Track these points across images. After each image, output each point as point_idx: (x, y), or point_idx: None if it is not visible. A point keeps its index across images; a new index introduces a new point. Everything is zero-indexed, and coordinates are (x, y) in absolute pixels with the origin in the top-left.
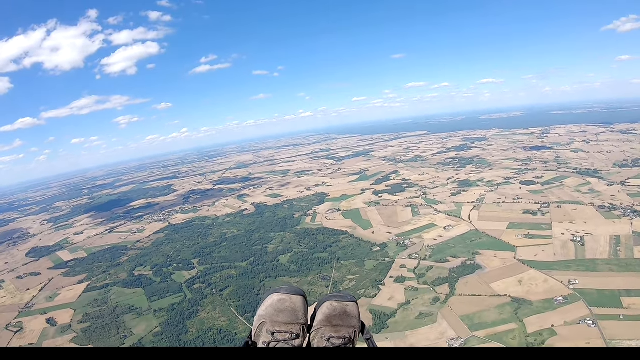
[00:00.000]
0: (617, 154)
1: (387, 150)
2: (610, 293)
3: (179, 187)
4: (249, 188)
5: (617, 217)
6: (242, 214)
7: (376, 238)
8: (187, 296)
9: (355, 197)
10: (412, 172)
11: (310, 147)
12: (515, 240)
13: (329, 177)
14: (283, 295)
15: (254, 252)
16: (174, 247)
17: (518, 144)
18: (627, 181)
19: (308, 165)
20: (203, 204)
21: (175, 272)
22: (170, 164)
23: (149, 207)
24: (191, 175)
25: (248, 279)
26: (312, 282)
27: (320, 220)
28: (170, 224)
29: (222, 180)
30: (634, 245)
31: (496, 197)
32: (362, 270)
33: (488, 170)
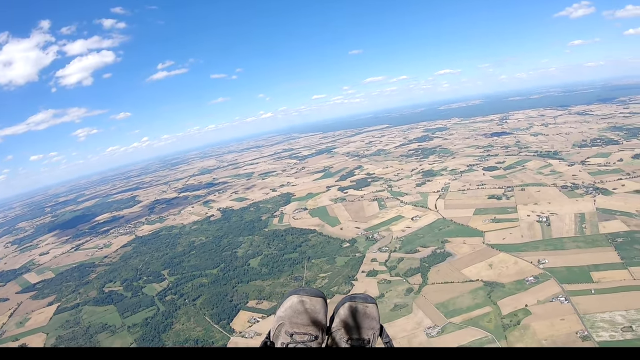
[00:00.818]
0: (575, 135)
1: (349, 146)
2: (579, 269)
3: (144, 198)
4: (214, 193)
5: (580, 195)
6: (209, 221)
7: (345, 234)
8: (160, 309)
9: (321, 195)
10: (376, 166)
11: (273, 148)
12: (482, 226)
13: (293, 176)
14: (302, 297)
15: (223, 258)
16: (143, 260)
17: (478, 132)
18: (587, 160)
19: (272, 166)
20: (169, 213)
21: (146, 285)
22: (133, 174)
23: (114, 220)
24: (155, 185)
25: (220, 285)
26: (285, 283)
27: (287, 221)
28: (137, 236)
29: (186, 187)
30: (599, 221)
31: (461, 185)
32: (333, 267)
33: (451, 159)
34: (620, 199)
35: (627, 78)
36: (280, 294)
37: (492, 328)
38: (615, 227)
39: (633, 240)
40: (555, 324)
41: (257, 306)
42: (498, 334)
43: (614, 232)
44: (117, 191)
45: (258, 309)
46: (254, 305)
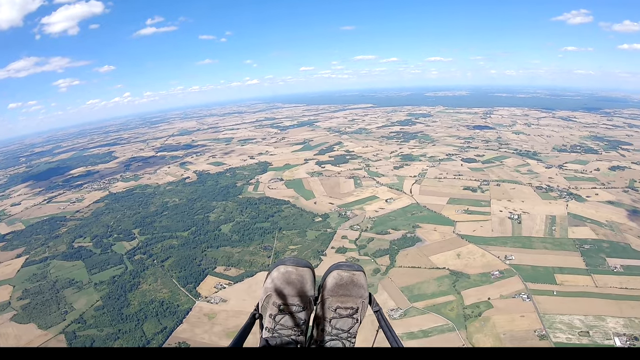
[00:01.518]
0: (556, 138)
1: (332, 121)
2: (544, 269)
3: (120, 154)
4: (191, 156)
5: (553, 198)
6: (184, 182)
7: (318, 208)
8: (128, 268)
9: (299, 167)
10: (356, 144)
11: (255, 115)
12: (454, 215)
13: (272, 146)
14: (289, 268)
15: (195, 222)
16: (115, 217)
17: (462, 122)
18: (565, 165)
19: (252, 134)
20: (144, 171)
21: (116, 243)
22: (112, 130)
23: (88, 175)
24: (133, 142)
25: (189, 249)
26: (254, 252)
27: (262, 190)
28: (111, 192)
29: (164, 147)
30: (569, 225)
31: (438, 173)
32: (304, 240)
33: (431, 146)
34: (592, 207)
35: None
36: (249, 262)
37: (453, 317)
38: (584, 233)
39: (599, 248)
40: (515, 319)
41: (225, 272)
42: (459, 323)
43: (582, 239)
44: (94, 145)
45: (225, 275)
46: (221, 271)
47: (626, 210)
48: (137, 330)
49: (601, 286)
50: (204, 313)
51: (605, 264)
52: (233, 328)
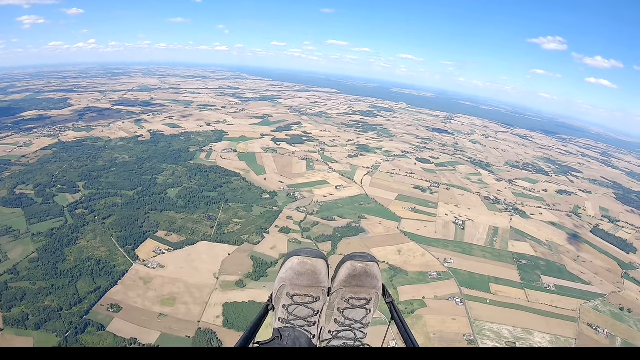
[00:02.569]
0: (511, 154)
1: (294, 100)
2: (480, 277)
3: (76, 102)
4: (148, 114)
5: (499, 210)
6: (136, 140)
7: (268, 185)
8: (68, 221)
9: (254, 141)
10: (315, 127)
11: (218, 83)
12: (401, 212)
13: (231, 115)
14: (303, 258)
15: (142, 182)
16: (61, 167)
17: (422, 123)
18: (515, 181)
19: (213, 100)
20: (98, 123)
21: (59, 194)
22: (71, 75)
23: (40, 119)
24: (90, 91)
25: (133, 209)
26: (198, 220)
27: (214, 158)
28: (61, 140)
29: (122, 101)
30: (510, 239)
31: (391, 167)
32: (249, 215)
33: (388, 140)
34: (535, 225)
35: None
36: (191, 230)
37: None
38: (524, 249)
39: (536, 265)
40: (446, 321)
41: (166, 237)
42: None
43: (521, 253)
44: (51, 89)
45: (166, 241)
46: (162, 235)
47: (567, 233)
48: (71, 287)
49: (533, 301)
50: (140, 277)
51: (540, 280)
52: (167, 295)
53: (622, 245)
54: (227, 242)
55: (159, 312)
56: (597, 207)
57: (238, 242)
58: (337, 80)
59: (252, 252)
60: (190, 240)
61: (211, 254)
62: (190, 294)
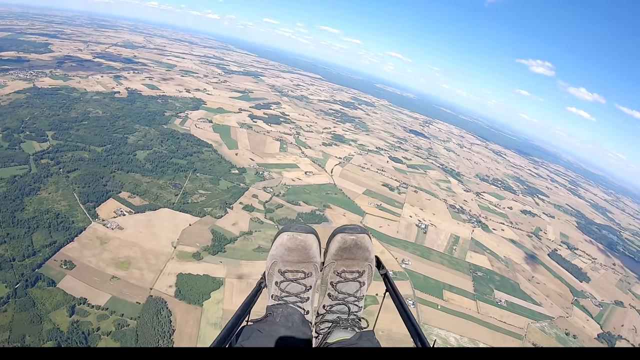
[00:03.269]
0: (482, 167)
1: (277, 79)
2: (435, 283)
3: (57, 49)
4: (128, 71)
5: (462, 220)
6: (112, 96)
7: (238, 161)
8: (31, 170)
9: (231, 115)
10: (294, 110)
11: (204, 50)
12: (366, 207)
13: (212, 85)
14: (293, 234)
15: (112, 140)
16: (32, 113)
17: (400, 122)
18: (482, 194)
19: (196, 67)
20: (76, 74)
21: (26, 141)
22: (56, 20)
23: (18, 61)
24: (73, 40)
25: (99, 166)
26: (163, 186)
27: (189, 126)
28: (36, 86)
29: (104, 54)
30: (469, 249)
31: (363, 161)
32: (215, 188)
33: (364, 134)
34: (495, 240)
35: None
36: (155, 195)
37: None
38: (481, 261)
39: (491, 279)
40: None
41: (129, 199)
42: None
43: (478, 265)
44: (33, 32)
45: (128, 202)
46: (125, 197)
47: (525, 252)
48: (26, 238)
49: (483, 313)
50: (97, 236)
51: (492, 294)
52: (122, 258)
53: (577, 272)
54: (190, 212)
55: (112, 274)
56: (558, 232)
57: (200, 214)
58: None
59: (213, 225)
60: (153, 206)
61: (172, 222)
62: (146, 259)
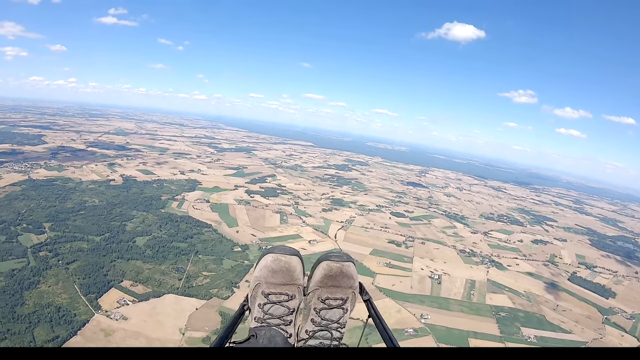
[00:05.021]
0: (485, 206)
1: (270, 152)
2: (458, 332)
3: (50, 140)
4: (122, 158)
5: (475, 263)
6: (108, 184)
7: (239, 238)
8: (30, 263)
9: (227, 192)
10: (289, 180)
11: (195, 131)
12: (375, 267)
13: (206, 165)
14: (277, 255)
15: (111, 228)
16: (28, 205)
17: (396, 177)
18: (490, 232)
19: (188, 149)
20: (71, 164)
21: (23, 234)
22: (49, 112)
23: (12, 154)
24: (67, 130)
25: (99, 256)
26: (166, 271)
27: (186, 208)
28: (31, 178)
29: (97, 143)
30: (487, 292)
31: (365, 222)
32: (219, 268)
33: (363, 194)
34: (512, 276)
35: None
36: (158, 281)
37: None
38: (502, 301)
39: (515, 317)
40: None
41: (131, 288)
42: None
43: (499, 306)
44: (27, 124)
45: (131, 291)
46: (128, 286)
47: (544, 282)
48: (28, 334)
49: None
50: (101, 328)
51: (520, 333)
52: None
53: (601, 290)
54: (195, 295)
55: None
56: (574, 254)
57: (206, 297)
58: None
59: (220, 307)
60: (157, 292)
61: (177, 307)
62: None
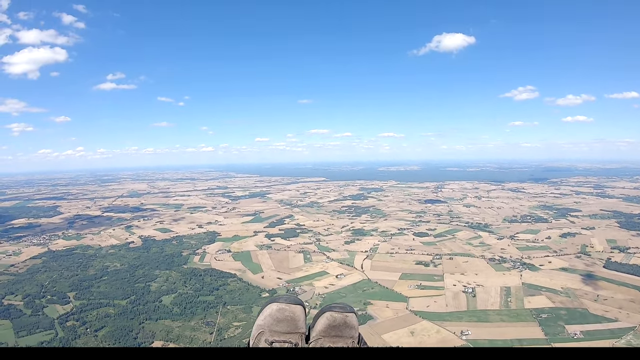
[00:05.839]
0: (506, 210)
1: (284, 193)
2: (503, 343)
3: (65, 210)
4: (138, 219)
5: (506, 269)
6: (127, 247)
7: (266, 283)
8: (58, 334)
9: (247, 239)
10: (307, 218)
11: (207, 183)
12: (407, 291)
13: (222, 215)
14: (282, 305)
15: (135, 290)
16: (50, 277)
17: (413, 197)
18: (516, 235)
19: (203, 202)
20: (89, 231)
21: (49, 305)
22: (61, 183)
23: (29, 227)
24: (80, 199)
25: (127, 319)
26: (196, 327)
27: (209, 260)
28: (50, 249)
29: (112, 207)
30: (524, 295)
31: (389, 247)
32: (249, 316)
33: (383, 220)
34: (546, 275)
35: (560, 161)
36: (189, 337)
37: None
38: (540, 302)
39: (557, 316)
40: None
41: None
42: None
43: (539, 308)
44: (40, 197)
45: None
46: (159, 346)
47: (580, 275)
48: None
49: None
50: None
51: (565, 331)
52: None
53: (639, 271)
54: None
55: None
56: (604, 240)
57: None
58: (324, 168)
59: None
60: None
61: None
62: None
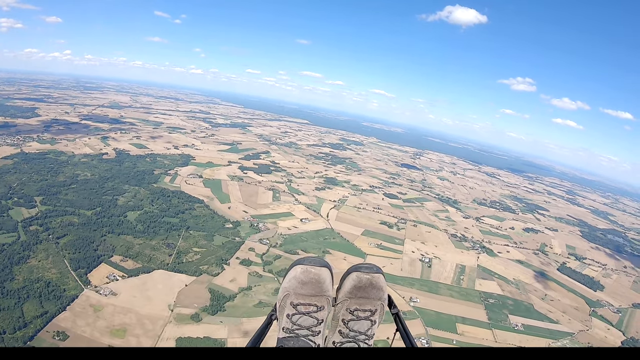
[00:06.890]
0: (478, 191)
1: (265, 128)
2: (447, 317)
3: (44, 113)
4: (116, 132)
5: (466, 248)
6: (100, 158)
7: (231, 214)
8: (20, 237)
9: (221, 168)
10: (283, 157)
11: (190, 105)
12: (367, 248)
13: (200, 140)
14: (307, 267)
15: (102, 202)
16: (20, 179)
17: (391, 157)
18: (482, 218)
19: (183, 123)
20: (64, 137)
21: (14, 208)
22: (43, 85)
23: (5, 127)
24: (60, 103)
25: (90, 230)
26: (156, 247)
27: (179, 183)
28: (23, 151)
29: (90, 116)
30: (477, 277)
31: (358, 202)
32: (209, 244)
33: (357, 174)
34: (502, 263)
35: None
36: (148, 256)
37: None
38: (491, 287)
39: (503, 304)
40: None
41: (121, 263)
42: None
43: (488, 292)
44: (20, 97)
45: (121, 267)
46: (117, 261)
47: (534, 271)
48: (17, 309)
49: (500, 342)
50: (90, 304)
51: (507, 320)
52: (118, 326)
53: (589, 282)
54: (185, 272)
55: (107, 343)
56: (564, 244)
57: (196, 273)
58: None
59: (210, 283)
60: (147, 268)
61: (167, 283)
62: (142, 325)
